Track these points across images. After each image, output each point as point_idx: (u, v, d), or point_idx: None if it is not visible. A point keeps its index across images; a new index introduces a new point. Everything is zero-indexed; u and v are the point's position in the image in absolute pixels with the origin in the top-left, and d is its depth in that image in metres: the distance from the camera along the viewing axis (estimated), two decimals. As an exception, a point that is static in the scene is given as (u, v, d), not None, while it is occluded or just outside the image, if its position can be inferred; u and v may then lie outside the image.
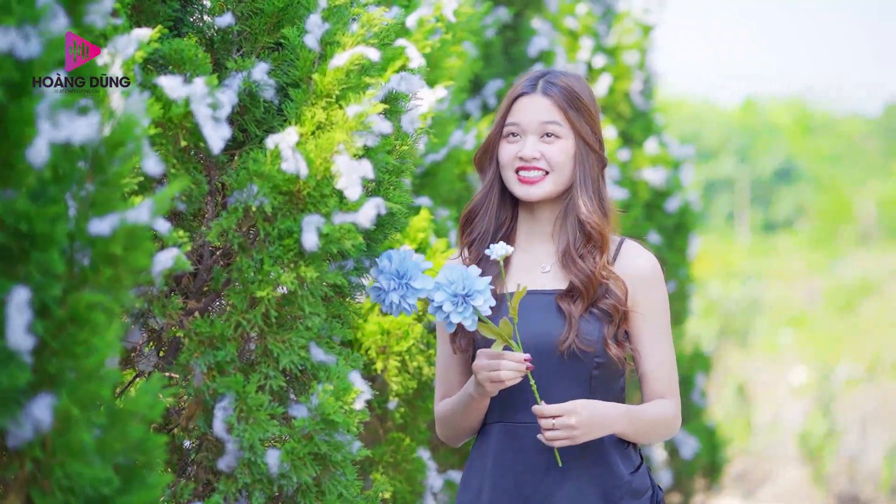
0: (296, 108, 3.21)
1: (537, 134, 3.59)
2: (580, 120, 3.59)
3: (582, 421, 3.41)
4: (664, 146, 8.94)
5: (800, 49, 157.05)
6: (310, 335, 3.18)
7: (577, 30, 8.40)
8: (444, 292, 3.30)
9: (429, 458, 4.38)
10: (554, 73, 3.67)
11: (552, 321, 3.51)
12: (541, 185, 3.58)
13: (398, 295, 3.33)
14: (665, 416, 3.57)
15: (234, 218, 3.10)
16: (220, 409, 3.08)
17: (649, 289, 3.58)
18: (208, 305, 3.21)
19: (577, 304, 3.51)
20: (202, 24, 3.31)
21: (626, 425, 3.50)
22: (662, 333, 3.59)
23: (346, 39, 3.22)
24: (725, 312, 18.69)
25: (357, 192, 3.10)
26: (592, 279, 3.52)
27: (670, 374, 3.60)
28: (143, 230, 2.44)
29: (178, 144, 3.03)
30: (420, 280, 3.33)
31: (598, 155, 3.62)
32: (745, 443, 13.96)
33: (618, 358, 3.50)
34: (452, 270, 3.31)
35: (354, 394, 3.15)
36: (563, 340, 3.47)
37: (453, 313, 3.30)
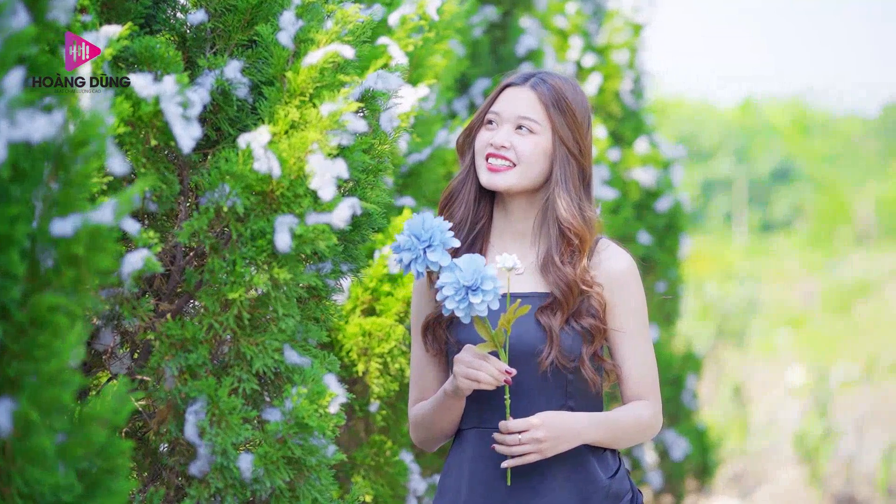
0: (269, 106, 3.16)
1: (513, 125, 3.55)
2: (562, 122, 3.54)
3: (549, 434, 3.39)
4: (655, 146, 8.89)
5: (798, 50, 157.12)
6: (284, 337, 3.12)
7: (567, 29, 8.34)
8: (451, 275, 3.23)
9: (412, 460, 4.33)
10: (550, 74, 3.63)
11: (531, 331, 3.47)
12: (504, 175, 3.53)
13: (410, 256, 3.26)
14: (641, 419, 3.52)
15: (206, 218, 3.05)
16: (191, 413, 3.03)
17: (624, 288, 3.53)
18: (181, 307, 3.16)
19: (557, 316, 3.47)
20: (175, 22, 3.26)
21: (598, 433, 3.47)
22: (639, 334, 3.55)
23: (320, 37, 3.17)
24: (722, 313, 18.63)
25: (331, 191, 3.04)
26: (573, 287, 3.48)
27: (649, 375, 3.55)
28: (107, 231, 2.39)
29: (149, 143, 2.98)
30: (437, 253, 3.24)
31: (579, 162, 3.56)
32: (741, 443, 13.90)
33: (591, 380, 3.48)
34: (471, 261, 3.25)
35: (329, 397, 3.10)
36: (545, 357, 3.44)
37: (451, 299, 3.23)
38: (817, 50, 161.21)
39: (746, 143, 36.95)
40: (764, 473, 13.39)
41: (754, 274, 24.48)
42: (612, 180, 7.97)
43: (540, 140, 3.54)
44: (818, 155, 37.15)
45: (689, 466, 8.77)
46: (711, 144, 36.73)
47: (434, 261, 3.24)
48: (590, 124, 3.62)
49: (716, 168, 35.21)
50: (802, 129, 39.07)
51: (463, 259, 3.24)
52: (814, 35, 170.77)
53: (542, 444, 3.38)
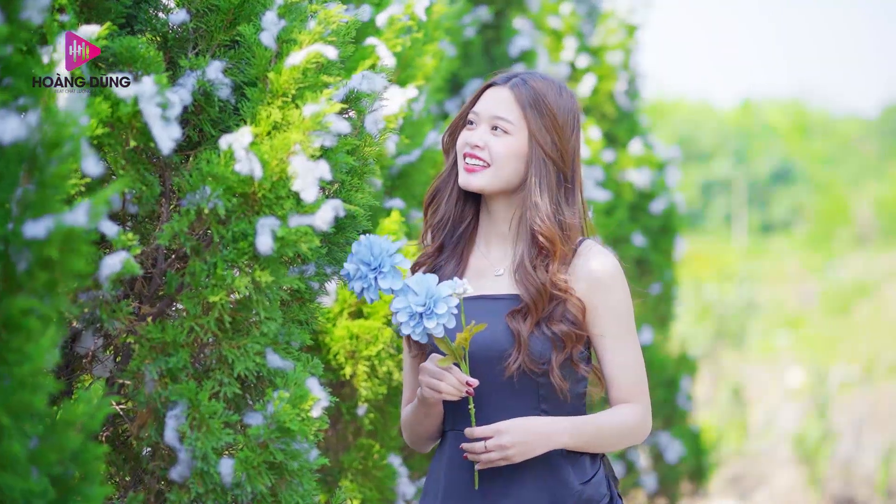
0: (252, 107, 3.13)
1: (489, 125, 3.53)
2: (539, 124, 3.51)
3: (516, 440, 3.37)
4: (649, 147, 8.85)
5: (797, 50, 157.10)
6: (266, 341, 3.09)
7: (561, 29, 8.32)
8: (404, 300, 3.25)
9: (400, 464, 4.30)
10: (535, 75, 3.60)
11: (501, 333, 3.45)
12: (477, 175, 3.52)
13: (361, 285, 3.29)
14: (625, 423, 3.48)
15: (187, 221, 3.01)
16: (171, 418, 2.99)
17: (606, 290, 3.49)
18: (163, 310, 3.12)
19: (527, 321, 3.44)
20: (157, 22, 3.22)
21: (573, 438, 3.43)
22: (623, 336, 3.51)
23: (302, 37, 3.13)
24: (721, 314, 18.60)
25: (313, 193, 3.01)
26: (543, 292, 3.45)
27: (634, 378, 3.50)
28: (81, 233, 2.36)
29: (128, 145, 2.94)
30: (388, 279, 3.27)
31: (556, 165, 3.52)
32: (740, 445, 13.89)
33: (559, 387, 3.43)
34: (422, 281, 3.26)
35: (312, 401, 3.06)
36: (511, 362, 3.42)
37: (405, 325, 3.26)
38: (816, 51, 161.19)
39: (746, 144, 36.89)
40: (763, 475, 13.38)
41: (754, 275, 24.44)
42: (607, 182, 7.95)
43: (513, 141, 3.51)
44: (817, 156, 37.11)
45: (683, 469, 8.73)
46: (710, 145, 36.66)
47: (386, 288, 3.27)
48: (575, 128, 3.57)
49: (715, 169, 35.15)
50: (802, 130, 39.03)
51: (414, 279, 3.26)
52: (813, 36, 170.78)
53: (509, 451, 3.36)
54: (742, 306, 19.58)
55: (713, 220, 33.93)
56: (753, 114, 40.55)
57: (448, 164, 3.64)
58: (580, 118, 3.64)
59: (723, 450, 13.47)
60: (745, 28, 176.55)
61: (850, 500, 12.23)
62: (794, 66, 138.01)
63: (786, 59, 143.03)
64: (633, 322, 3.55)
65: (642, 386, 3.52)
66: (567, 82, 8.36)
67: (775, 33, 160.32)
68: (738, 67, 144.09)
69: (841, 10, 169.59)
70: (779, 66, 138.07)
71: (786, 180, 36.00)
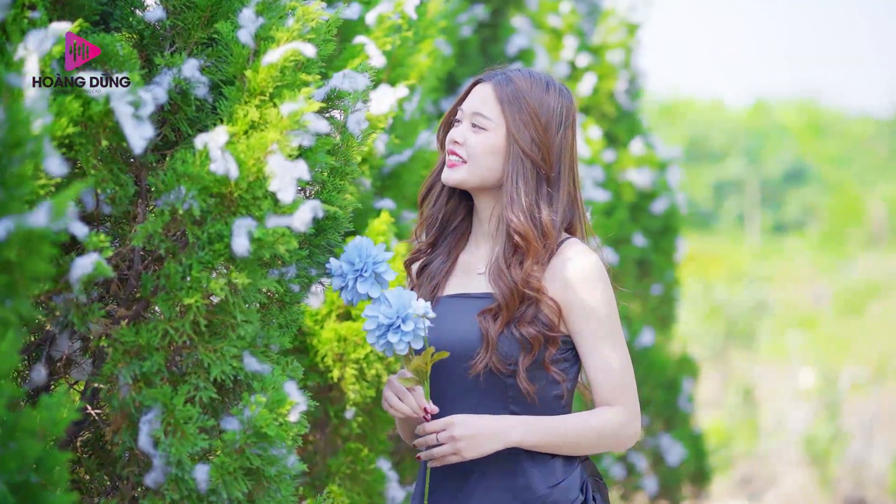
0: (229, 106, 3.07)
1: (469, 122, 3.50)
2: (517, 121, 3.45)
3: (465, 432, 3.31)
4: (650, 147, 8.79)
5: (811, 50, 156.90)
6: (243, 344, 3.03)
7: (561, 28, 8.27)
8: (375, 309, 3.23)
9: (389, 468, 4.24)
10: (522, 71, 3.54)
11: (471, 332, 3.41)
12: (454, 170, 3.50)
13: (339, 283, 3.26)
14: (600, 426, 3.40)
15: (161, 221, 2.95)
16: (145, 423, 2.93)
17: (582, 289, 3.41)
18: (139, 313, 3.06)
19: (497, 321, 3.39)
20: (133, 20, 3.16)
21: (524, 435, 3.36)
22: (603, 337, 3.42)
23: (280, 35, 3.07)
24: (731, 315, 18.52)
25: (291, 193, 2.95)
26: (514, 291, 3.39)
27: (617, 381, 3.42)
28: (41, 235, 2.30)
29: (100, 144, 2.88)
30: (367, 283, 3.24)
31: (535, 162, 3.45)
32: (750, 446, 13.86)
33: (525, 391, 3.37)
34: (399, 296, 3.23)
35: (290, 405, 3.00)
36: (478, 362, 3.37)
37: (370, 334, 3.25)
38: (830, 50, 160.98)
39: (758, 144, 36.79)
40: (773, 476, 13.36)
41: (766, 275, 24.36)
42: (607, 182, 7.88)
43: (489, 137, 3.47)
44: (830, 156, 36.98)
45: (684, 471, 8.67)
46: (723, 145, 36.57)
47: (362, 292, 3.24)
48: (561, 125, 3.50)
49: (727, 169, 35.07)
50: (815, 130, 38.90)
51: (393, 292, 3.24)
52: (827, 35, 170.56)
53: (459, 443, 3.31)
54: (752, 306, 19.50)
55: (725, 220, 33.86)
56: (766, 113, 40.46)
57: (439, 160, 3.62)
58: (573, 115, 3.57)
59: (733, 451, 13.43)
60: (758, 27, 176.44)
61: (860, 501, 12.23)
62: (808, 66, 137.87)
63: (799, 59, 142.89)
64: (617, 323, 3.46)
65: (626, 389, 3.43)
66: (567, 81, 8.31)
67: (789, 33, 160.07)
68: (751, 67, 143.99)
69: (856, 8, 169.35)
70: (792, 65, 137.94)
71: (798, 180, 35.89)
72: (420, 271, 3.60)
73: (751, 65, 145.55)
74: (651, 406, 8.31)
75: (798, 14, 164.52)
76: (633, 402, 3.44)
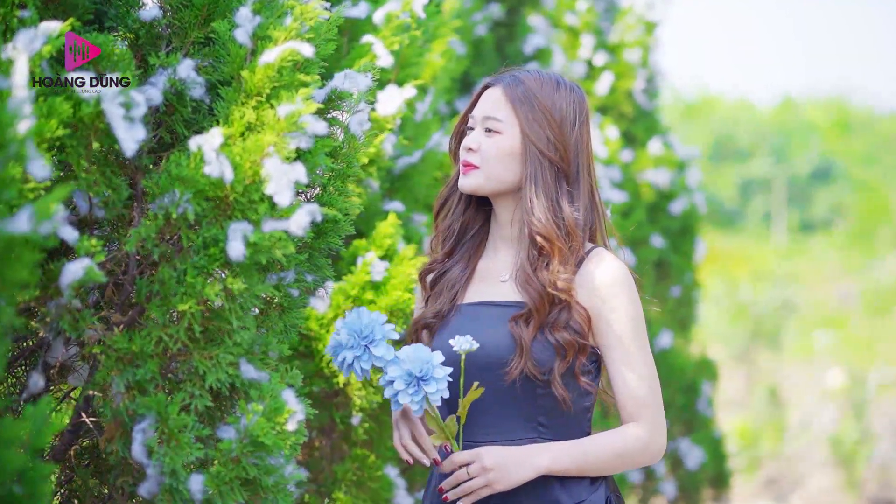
0: (226, 107, 3.00)
1: (482, 127, 3.42)
2: (531, 120, 3.37)
3: (495, 462, 3.22)
4: (668, 146, 8.70)
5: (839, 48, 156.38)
6: (239, 351, 2.96)
7: (578, 26, 8.19)
8: (399, 368, 3.12)
9: (397, 475, 4.17)
10: (531, 72, 3.47)
11: (503, 340, 3.31)
12: (469, 177, 3.40)
13: (353, 354, 3.14)
14: (625, 445, 3.31)
15: (155, 226, 2.88)
16: (139, 432, 2.86)
17: (609, 298, 3.33)
18: (134, 319, 2.99)
19: (530, 326, 3.30)
20: (128, 19, 3.09)
21: (553, 462, 3.27)
22: (632, 351, 3.33)
23: (278, 34, 3.00)
24: (756, 315, 18.39)
25: (288, 197, 2.88)
26: (543, 295, 3.31)
27: (643, 395, 3.33)
28: (23, 241, 2.24)
29: (91, 146, 2.82)
30: (381, 348, 3.13)
31: (555, 163, 3.38)
32: (776, 447, 13.77)
33: (562, 398, 3.29)
34: (416, 350, 3.13)
35: (287, 414, 2.93)
36: (513, 368, 3.27)
37: (403, 393, 3.12)
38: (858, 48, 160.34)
39: (785, 143, 36.57)
40: (799, 477, 13.29)
41: (793, 275, 24.21)
42: (625, 182, 7.80)
43: (504, 139, 3.38)
44: (859, 154, 36.71)
45: (704, 476, 8.57)
46: (749, 144, 36.36)
47: (380, 356, 3.13)
48: (577, 123, 3.42)
49: (754, 168, 34.87)
50: (843, 128, 38.63)
51: (406, 350, 3.14)
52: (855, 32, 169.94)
53: (490, 474, 3.21)
54: (778, 306, 19.37)
55: (752, 219, 33.65)
56: (794, 112, 40.24)
57: (455, 171, 3.53)
58: (586, 112, 3.49)
59: (758, 451, 13.35)
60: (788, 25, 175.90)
61: (887, 502, 12.18)
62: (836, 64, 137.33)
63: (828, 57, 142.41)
64: (645, 336, 3.38)
65: (653, 404, 3.34)
66: (584, 80, 8.23)
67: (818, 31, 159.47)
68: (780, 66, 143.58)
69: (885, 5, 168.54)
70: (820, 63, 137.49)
71: (826, 178, 35.64)
72: (436, 281, 3.51)
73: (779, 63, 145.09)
74: (670, 409, 8.22)
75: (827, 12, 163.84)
76: (659, 417, 3.35)
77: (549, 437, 3.32)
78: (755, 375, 16.17)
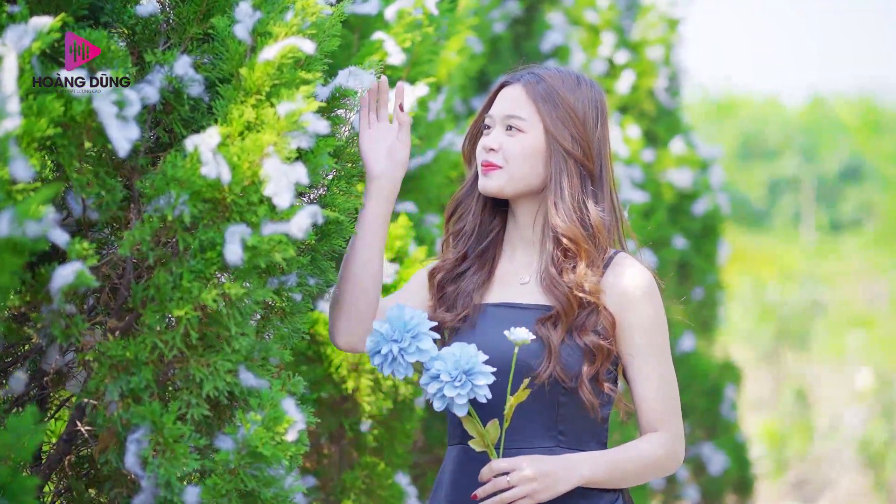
0: (225, 106, 2.90)
1: (503, 126, 3.31)
2: (554, 117, 3.26)
3: (539, 471, 3.08)
4: (691, 146, 8.59)
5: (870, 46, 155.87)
6: (238, 358, 2.85)
7: (598, 24, 8.09)
8: (444, 362, 3.00)
9: (408, 483, 4.07)
10: (550, 68, 3.37)
11: (527, 345, 3.17)
12: (492, 178, 3.28)
13: (399, 347, 3.01)
14: (648, 457, 3.21)
15: (150, 228, 2.78)
16: (132, 442, 2.76)
17: (636, 306, 3.23)
18: (131, 324, 2.90)
19: (558, 328, 3.19)
20: (124, 14, 2.99)
21: (591, 471, 3.15)
22: (655, 360, 3.23)
23: (278, 30, 2.90)
24: (783, 315, 18.27)
25: (288, 198, 2.77)
26: (571, 297, 3.20)
27: (663, 405, 3.23)
28: (4, 244, 2.14)
29: (83, 146, 2.72)
30: (427, 341, 3.01)
31: (578, 160, 3.27)
32: (804, 448, 13.72)
33: (590, 403, 3.18)
34: (461, 347, 3.02)
35: (287, 423, 2.82)
36: (542, 371, 3.16)
37: (449, 385, 2.99)
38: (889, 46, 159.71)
39: (814, 142, 36.37)
40: (827, 479, 13.26)
41: (821, 274, 24.06)
42: (646, 182, 7.69)
43: (527, 138, 3.27)
44: (888, 153, 36.47)
45: (727, 481, 8.46)
46: (778, 143, 36.18)
47: (426, 349, 3.00)
48: (599, 120, 3.32)
49: (782, 167, 34.69)
50: (872, 127, 38.37)
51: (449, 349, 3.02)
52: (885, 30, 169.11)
53: (533, 484, 3.07)
54: (806, 306, 19.24)
55: (780, 218, 33.47)
56: (823, 110, 40.03)
57: (471, 173, 3.42)
58: (606, 109, 3.38)
59: (786, 453, 13.28)
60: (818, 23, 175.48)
61: (917, 505, 12.17)
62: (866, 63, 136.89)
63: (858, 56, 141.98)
64: (667, 344, 3.28)
65: (673, 413, 3.25)
66: (605, 79, 8.13)
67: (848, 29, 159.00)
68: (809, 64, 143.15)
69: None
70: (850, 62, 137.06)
71: (855, 178, 35.41)
72: (447, 284, 3.39)
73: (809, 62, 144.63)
74: (692, 413, 8.12)
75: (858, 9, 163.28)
76: (678, 427, 3.26)
77: (566, 445, 3.21)
78: (782, 376, 16.11)
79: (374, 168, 3.26)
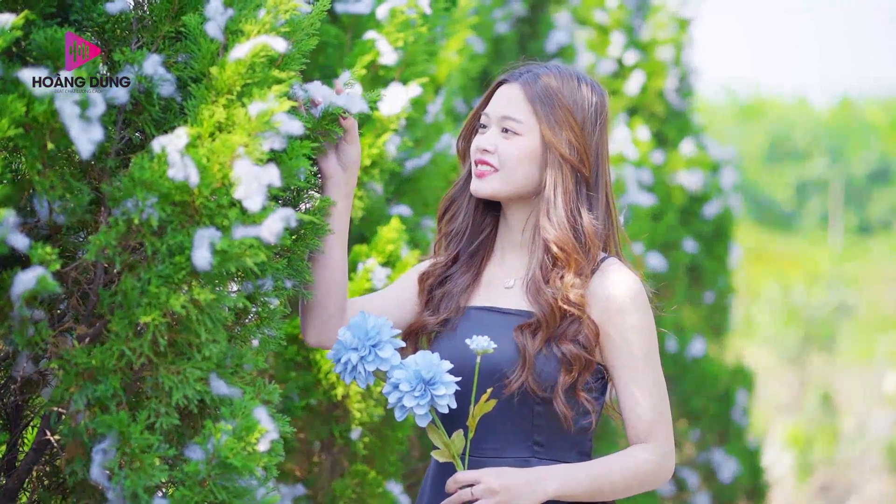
0: (195, 106, 2.82)
1: (499, 126, 3.21)
2: (551, 122, 3.16)
3: (502, 484, 3.00)
4: (702, 147, 8.50)
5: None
6: (209, 365, 2.77)
7: (608, 24, 8.00)
8: (406, 371, 2.93)
9: (400, 492, 3.98)
10: (549, 67, 3.27)
11: (504, 351, 3.10)
12: (486, 181, 3.20)
13: (358, 356, 2.96)
14: (634, 469, 3.11)
15: (116, 232, 2.70)
16: (98, 452, 2.68)
17: (621, 313, 3.13)
18: (101, 331, 2.81)
19: (536, 338, 3.10)
20: (93, 11, 2.90)
21: (561, 486, 3.05)
22: (642, 370, 3.13)
23: (250, 28, 2.81)
24: (809, 318, 18.12)
25: (259, 201, 2.68)
26: (555, 307, 3.11)
27: (654, 417, 3.13)
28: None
29: (46, 147, 2.64)
30: (387, 350, 2.95)
31: (574, 166, 3.17)
32: (829, 452, 13.62)
33: (563, 415, 3.08)
34: (424, 356, 2.95)
35: (259, 433, 2.73)
36: (513, 380, 3.08)
37: (408, 395, 2.92)
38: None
39: (842, 143, 36.16)
40: (853, 483, 13.18)
41: (849, 277, 23.90)
42: (656, 184, 7.59)
43: (524, 142, 3.18)
44: (917, 154, 36.29)
45: (739, 488, 8.36)
46: (806, 144, 35.98)
47: (385, 358, 2.94)
48: (598, 123, 3.23)
49: (811, 169, 34.51)
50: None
51: (413, 357, 2.96)
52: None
53: (497, 497, 3.00)
54: (833, 309, 19.09)
55: (808, 220, 33.29)
56: (851, 112, 39.81)
57: (464, 171, 3.34)
58: (606, 111, 3.28)
59: (811, 457, 13.20)
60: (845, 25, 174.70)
61: (944, 511, 12.09)
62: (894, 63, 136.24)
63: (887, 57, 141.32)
64: (656, 354, 3.18)
65: (662, 425, 3.15)
66: (614, 79, 8.05)
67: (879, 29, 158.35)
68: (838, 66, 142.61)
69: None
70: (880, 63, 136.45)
71: (884, 179, 35.18)
72: (436, 287, 3.31)
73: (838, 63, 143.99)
74: (703, 419, 8.02)
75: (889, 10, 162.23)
76: (668, 438, 3.16)
77: (544, 457, 3.12)
78: (808, 379, 16.00)
79: (326, 168, 3.17)
